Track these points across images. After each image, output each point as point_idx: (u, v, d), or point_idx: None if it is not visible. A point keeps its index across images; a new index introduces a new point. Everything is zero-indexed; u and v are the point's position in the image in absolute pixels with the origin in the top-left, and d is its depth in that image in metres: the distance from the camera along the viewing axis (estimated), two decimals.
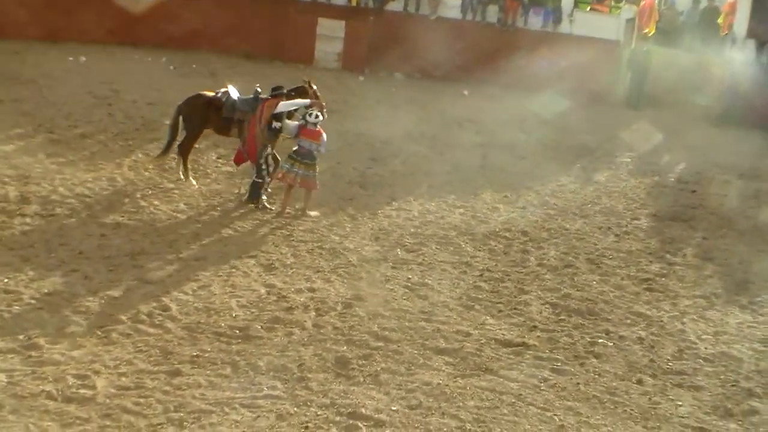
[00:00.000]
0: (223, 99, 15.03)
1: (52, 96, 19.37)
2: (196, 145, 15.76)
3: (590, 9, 25.26)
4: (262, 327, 10.73)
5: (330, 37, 24.88)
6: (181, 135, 15.26)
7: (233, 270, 12.28)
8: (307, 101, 14.73)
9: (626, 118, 22.42)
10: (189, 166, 15.41)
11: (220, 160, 16.64)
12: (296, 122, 14.54)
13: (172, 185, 15.14)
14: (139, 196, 14.53)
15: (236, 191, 15.03)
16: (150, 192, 14.75)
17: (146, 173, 15.57)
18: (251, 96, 15.06)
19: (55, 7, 23.19)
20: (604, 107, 22.44)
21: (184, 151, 15.32)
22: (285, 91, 14.80)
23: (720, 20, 23.91)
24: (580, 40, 23.97)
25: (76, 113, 18.37)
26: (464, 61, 23.34)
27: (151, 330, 10.48)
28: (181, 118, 15.19)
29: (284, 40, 24.60)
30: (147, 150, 16.67)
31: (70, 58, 22.35)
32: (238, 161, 15.16)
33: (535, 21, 25.12)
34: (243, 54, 24.39)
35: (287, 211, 14.46)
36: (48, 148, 16.18)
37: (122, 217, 13.67)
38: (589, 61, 22.47)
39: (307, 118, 14.30)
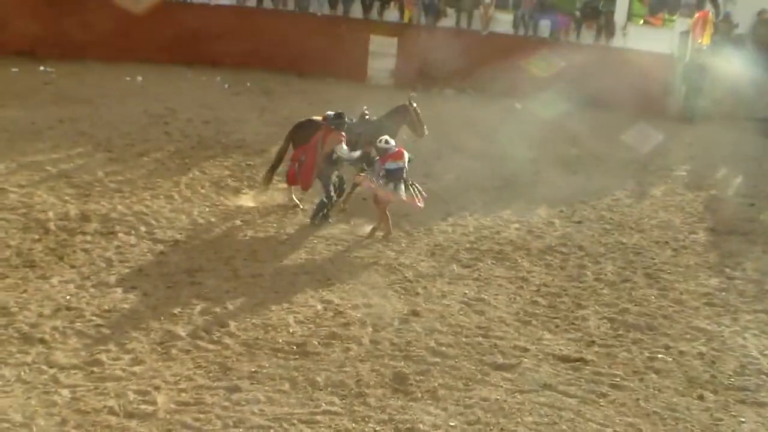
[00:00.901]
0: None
1: (109, 115, 19.66)
2: (251, 162, 15.86)
3: (643, 22, 25.07)
4: (319, 343, 10.77)
5: (382, 54, 24.95)
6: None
7: (290, 286, 12.34)
8: (357, 153, 14.68)
9: (681, 131, 22.20)
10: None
11: (276, 178, 16.71)
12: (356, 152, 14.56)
13: (228, 203, 15.27)
14: (196, 213, 14.67)
15: (293, 206, 15.14)
16: (207, 209, 14.89)
17: (202, 191, 15.72)
18: (358, 118, 15.54)
19: (113, 29, 23.51)
20: (658, 121, 22.21)
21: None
22: (346, 119, 14.75)
23: None
24: (634, 53, 23.79)
25: (133, 132, 18.63)
26: (515, 76, 23.25)
27: (210, 346, 10.58)
28: (291, 143, 15.42)
29: (337, 57, 24.69)
30: (203, 168, 16.83)
31: (127, 78, 22.65)
32: (291, 182, 15.23)
33: (588, 35, 24.99)
34: (296, 72, 24.54)
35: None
36: (106, 167, 16.42)
37: (180, 234, 13.81)
38: (643, 74, 22.27)
39: (378, 145, 14.32)
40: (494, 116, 21.95)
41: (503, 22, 25.31)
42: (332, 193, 14.71)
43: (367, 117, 15.71)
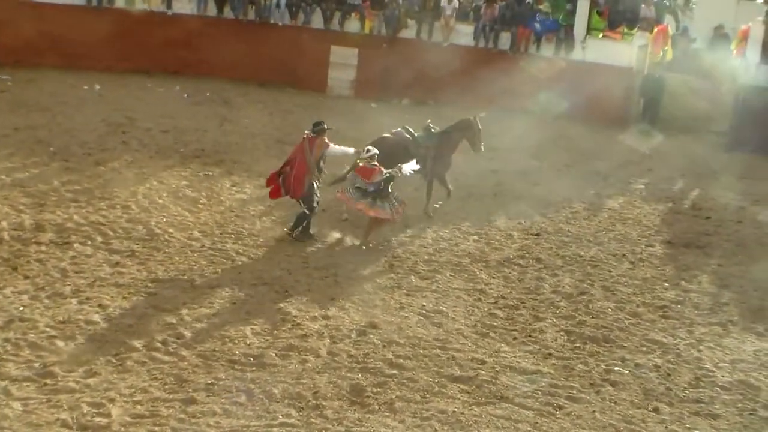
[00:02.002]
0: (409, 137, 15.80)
1: (67, 124, 19.53)
2: (210, 172, 15.79)
3: (603, 36, 25.29)
4: (276, 354, 10.72)
5: (343, 64, 24.98)
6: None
7: (247, 297, 12.27)
8: (352, 150, 14.77)
9: (639, 144, 22.37)
10: None
11: (234, 188, 16.67)
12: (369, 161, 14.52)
13: (186, 213, 15.18)
14: (153, 223, 14.56)
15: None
16: (164, 219, 14.78)
17: (160, 201, 15.61)
18: (423, 131, 16.18)
19: (71, 36, 23.38)
20: (617, 133, 22.40)
21: None
22: (326, 126, 14.63)
23: (733, 46, 23.90)
24: (593, 66, 23.98)
25: (91, 141, 18.51)
26: (477, 87, 23.33)
27: (166, 357, 10.49)
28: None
29: (297, 67, 24.70)
30: (161, 177, 16.74)
31: (85, 87, 22.50)
32: (274, 196, 14.86)
33: (548, 48, 25.16)
34: (256, 82, 24.50)
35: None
36: (63, 176, 16.29)
37: (137, 245, 13.70)
38: (602, 87, 22.46)
39: (363, 155, 14.39)
40: None
41: (464, 33, 25.44)
42: (315, 205, 14.59)
43: (432, 130, 16.27)
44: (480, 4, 25.66)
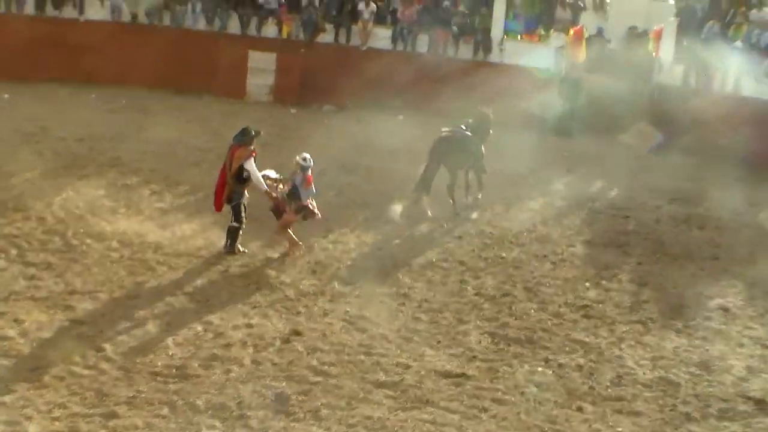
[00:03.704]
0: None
1: None
2: (128, 182, 15.57)
3: (520, 38, 25.49)
4: (199, 365, 10.60)
5: (261, 70, 24.78)
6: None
7: (168, 308, 12.12)
8: (263, 188, 14.12)
9: (558, 145, 22.59)
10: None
11: (153, 197, 16.44)
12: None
13: (104, 223, 14.92)
14: (70, 234, 14.29)
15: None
16: (82, 231, 14.51)
17: (77, 211, 15.33)
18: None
19: None
20: (536, 135, 22.59)
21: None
22: (253, 134, 14.16)
23: (650, 47, 24.26)
24: (511, 68, 24.13)
25: (2, 151, 18.07)
26: (395, 90, 23.34)
27: (85, 371, 10.32)
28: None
29: (215, 73, 24.45)
30: (77, 188, 16.43)
31: None
32: (217, 209, 14.44)
33: (465, 50, 25.27)
34: (173, 89, 24.18)
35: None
36: None
37: (53, 256, 13.44)
38: (520, 89, 22.60)
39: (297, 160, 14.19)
40: (375, 131, 21.99)
41: (382, 37, 25.42)
42: (243, 216, 14.21)
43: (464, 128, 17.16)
44: (397, 7, 25.66)
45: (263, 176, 14.10)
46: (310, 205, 14.17)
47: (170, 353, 10.83)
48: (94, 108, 22.36)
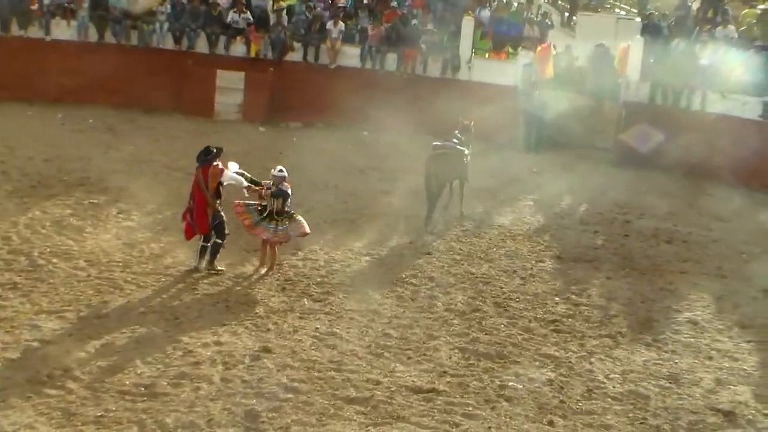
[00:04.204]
0: None
1: None
2: (95, 201, 15.47)
3: (488, 56, 25.64)
4: (168, 383, 10.51)
5: (229, 88, 24.75)
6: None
7: (136, 326, 12.01)
8: (243, 182, 14.25)
9: (527, 161, 22.70)
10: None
11: (121, 215, 16.33)
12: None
13: (71, 242, 14.80)
14: (36, 254, 14.16)
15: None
16: (48, 250, 14.38)
17: (43, 231, 15.20)
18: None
19: None
20: (504, 151, 22.67)
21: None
22: (215, 151, 14.11)
23: (616, 63, 24.45)
24: (479, 86, 24.26)
25: None
26: (365, 108, 23.37)
27: (52, 391, 10.19)
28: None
29: (183, 92, 24.39)
30: (44, 207, 16.30)
31: None
32: (189, 236, 14.33)
33: (434, 68, 25.36)
34: (141, 108, 24.08)
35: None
36: None
37: (19, 276, 13.31)
38: (488, 106, 22.69)
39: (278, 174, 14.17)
40: (344, 148, 22.03)
41: (350, 55, 25.48)
42: (226, 232, 14.21)
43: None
44: (366, 26, 25.73)
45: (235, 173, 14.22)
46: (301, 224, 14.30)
47: (139, 372, 10.73)
48: (62, 128, 22.24)
